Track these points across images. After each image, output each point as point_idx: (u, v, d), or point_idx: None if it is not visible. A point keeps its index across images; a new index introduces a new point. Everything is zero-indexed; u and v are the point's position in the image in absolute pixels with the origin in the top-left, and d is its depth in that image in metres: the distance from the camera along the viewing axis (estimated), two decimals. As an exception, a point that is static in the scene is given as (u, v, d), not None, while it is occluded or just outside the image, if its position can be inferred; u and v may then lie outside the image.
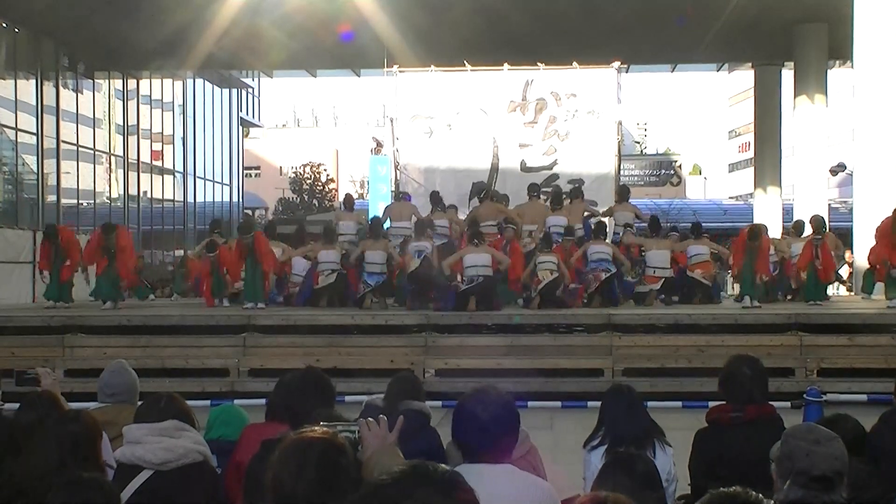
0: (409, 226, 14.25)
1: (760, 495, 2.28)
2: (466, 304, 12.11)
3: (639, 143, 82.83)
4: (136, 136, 27.62)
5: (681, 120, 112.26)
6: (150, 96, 28.93)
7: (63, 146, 22.86)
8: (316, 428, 2.65)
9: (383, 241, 13.57)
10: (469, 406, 3.29)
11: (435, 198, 15.16)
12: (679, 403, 9.39)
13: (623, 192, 16.16)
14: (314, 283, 13.62)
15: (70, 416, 3.69)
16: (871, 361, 10.65)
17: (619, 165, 18.25)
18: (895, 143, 15.52)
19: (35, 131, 21.66)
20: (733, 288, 17.16)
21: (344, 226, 14.91)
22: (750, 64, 27.37)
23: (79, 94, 24.21)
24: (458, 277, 12.37)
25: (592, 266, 13.12)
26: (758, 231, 13.09)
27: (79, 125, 23.98)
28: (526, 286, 12.94)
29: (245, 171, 42.30)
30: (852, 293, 17.15)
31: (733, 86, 60.74)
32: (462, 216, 15.54)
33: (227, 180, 35.90)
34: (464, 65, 18.04)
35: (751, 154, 38.02)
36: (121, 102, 26.79)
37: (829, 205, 23.30)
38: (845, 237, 17.05)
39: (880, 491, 3.71)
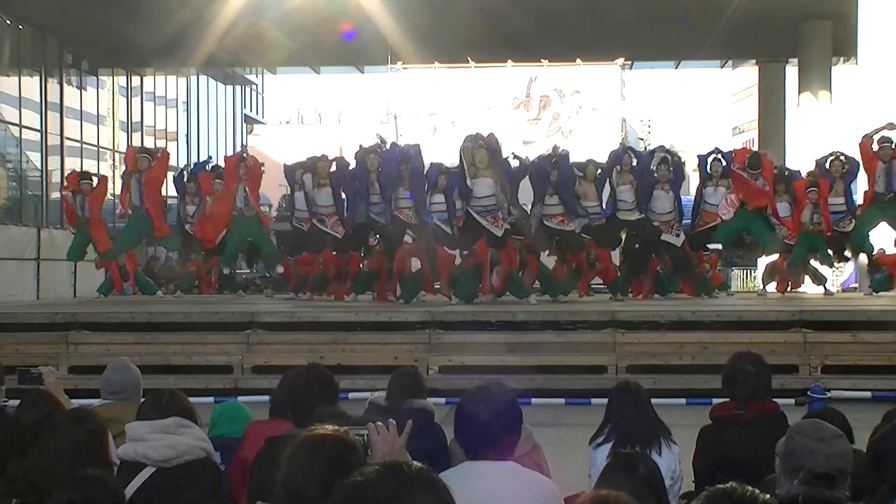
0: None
1: (756, 490, 2.27)
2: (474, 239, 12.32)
3: (643, 139, 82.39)
4: (139, 133, 27.57)
5: (685, 116, 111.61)
6: (154, 93, 28.85)
7: (67, 143, 22.81)
8: (327, 426, 2.66)
9: None
10: (470, 404, 3.27)
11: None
12: (683, 400, 9.38)
13: None
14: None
15: (82, 415, 3.70)
16: (875, 359, 10.59)
17: (623, 162, 18.18)
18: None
19: (39, 128, 21.64)
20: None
21: None
22: (754, 61, 27.29)
23: (83, 92, 24.14)
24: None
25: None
26: None
27: (83, 122, 23.93)
28: None
29: (248, 168, 42.16)
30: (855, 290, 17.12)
31: (737, 82, 60.41)
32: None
33: (230, 177, 35.86)
34: (467, 62, 18.01)
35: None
36: (124, 99, 26.74)
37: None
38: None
39: (873, 481, 3.70)
